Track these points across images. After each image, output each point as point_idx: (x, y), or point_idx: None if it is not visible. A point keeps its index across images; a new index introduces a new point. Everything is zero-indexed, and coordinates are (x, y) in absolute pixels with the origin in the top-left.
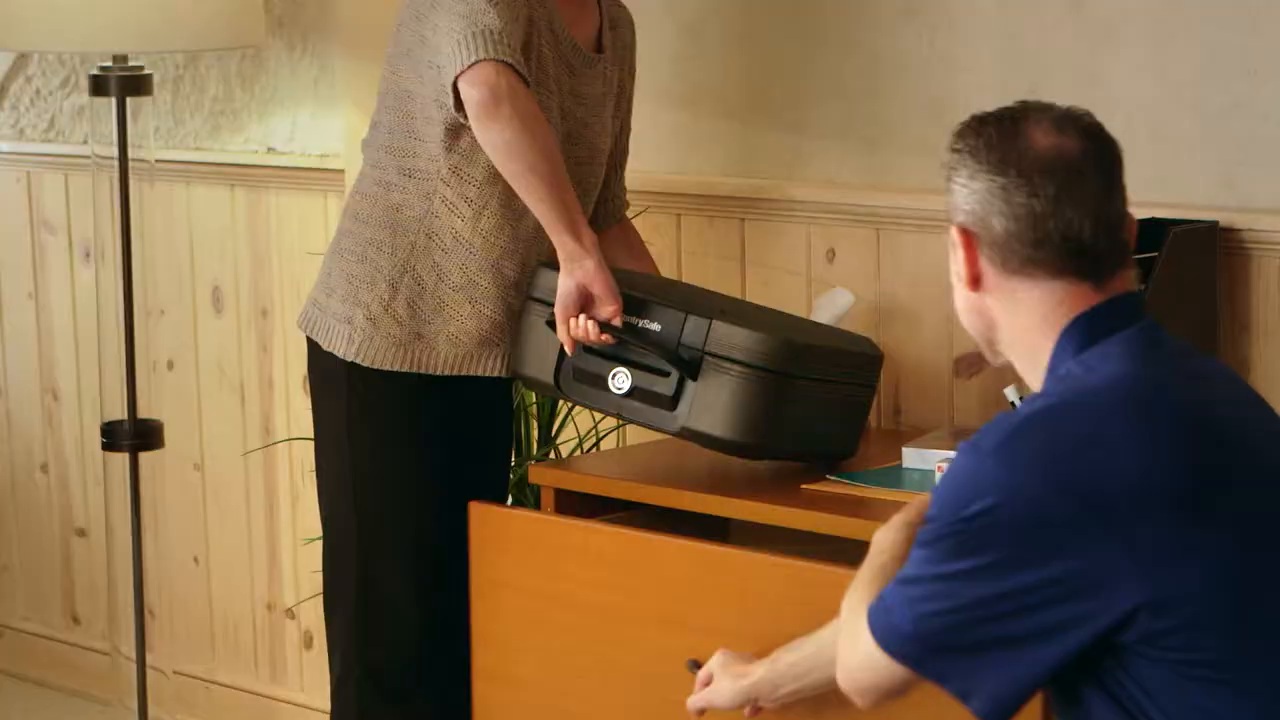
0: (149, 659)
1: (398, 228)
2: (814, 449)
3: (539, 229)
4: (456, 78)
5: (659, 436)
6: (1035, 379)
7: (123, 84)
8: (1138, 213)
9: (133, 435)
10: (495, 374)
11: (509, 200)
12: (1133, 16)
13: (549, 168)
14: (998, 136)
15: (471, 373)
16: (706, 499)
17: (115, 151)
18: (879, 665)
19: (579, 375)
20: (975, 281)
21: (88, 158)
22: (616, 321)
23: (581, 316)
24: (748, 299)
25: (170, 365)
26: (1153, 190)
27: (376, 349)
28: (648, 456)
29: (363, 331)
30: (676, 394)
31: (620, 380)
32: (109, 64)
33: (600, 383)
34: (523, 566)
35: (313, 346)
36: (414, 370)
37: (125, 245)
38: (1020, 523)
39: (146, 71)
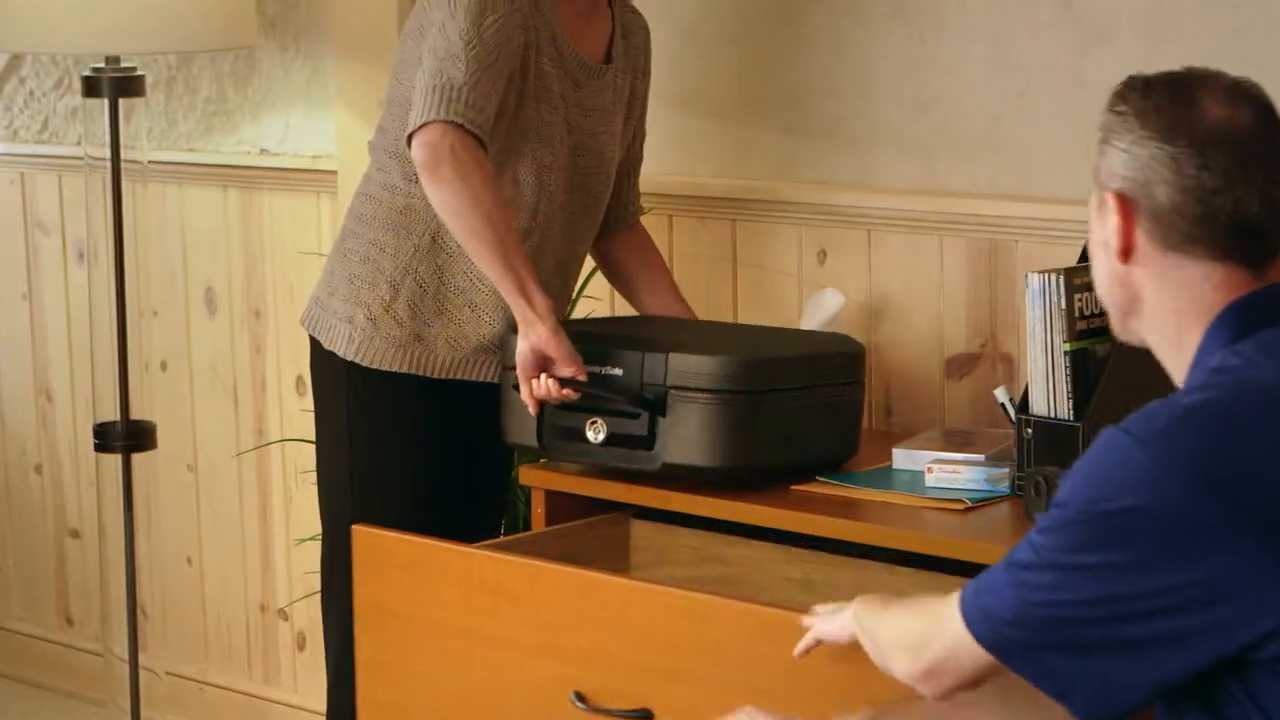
0: (142, 660)
1: (401, 230)
2: (808, 458)
3: (541, 248)
4: (410, 135)
5: None
6: (1175, 363)
7: (115, 85)
8: None
9: (125, 436)
10: (492, 379)
11: (527, 208)
12: (1122, 18)
13: (492, 232)
14: (1168, 101)
15: (468, 377)
16: (695, 500)
17: (108, 153)
18: (963, 652)
19: (558, 433)
20: (1127, 253)
21: (81, 159)
22: (581, 376)
23: (543, 376)
24: (739, 300)
25: (163, 366)
26: None
27: (376, 349)
28: None
29: (363, 331)
30: (650, 433)
31: (596, 430)
32: (101, 65)
33: (578, 436)
34: (406, 593)
35: (314, 345)
36: (413, 371)
37: (118, 246)
38: (1168, 522)
39: (139, 73)
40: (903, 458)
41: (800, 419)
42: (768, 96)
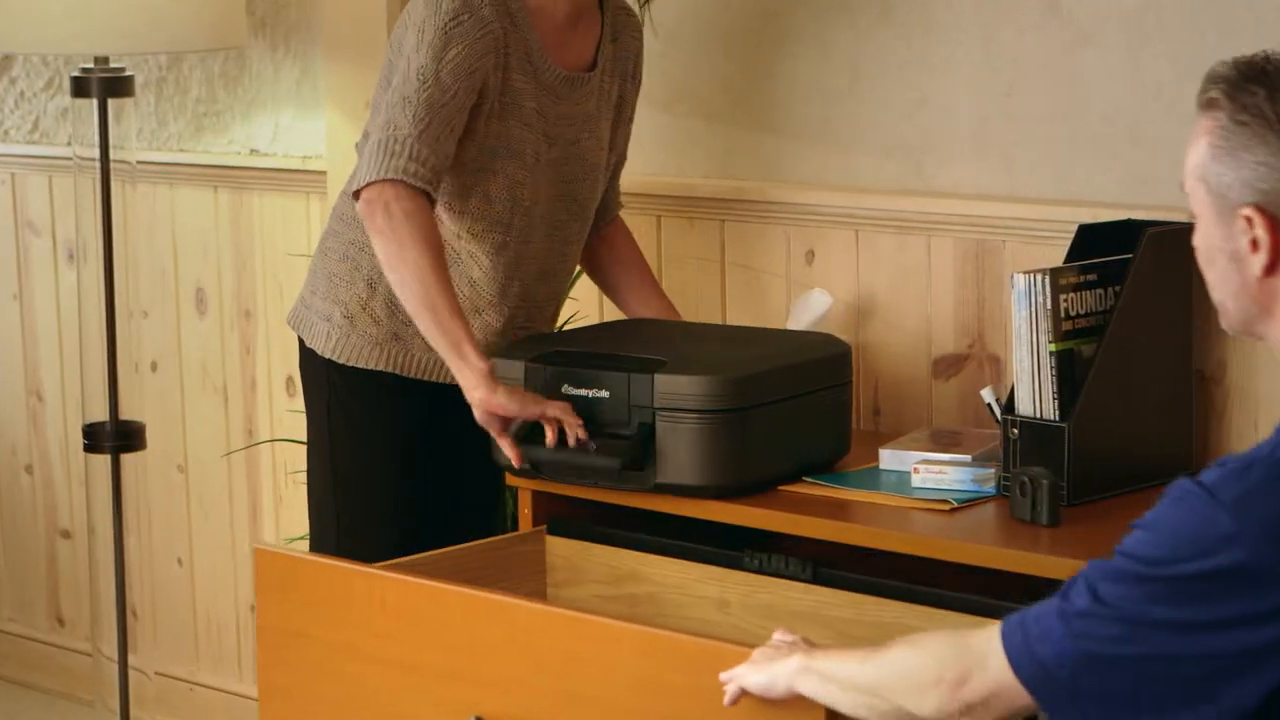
0: (132, 660)
1: None
2: (800, 462)
3: (519, 260)
4: (357, 190)
5: None
6: None
7: (104, 85)
8: (1115, 214)
9: (114, 437)
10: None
11: (486, 230)
12: (1108, 19)
13: (423, 291)
14: None
15: (445, 380)
16: (680, 503)
17: (97, 153)
18: (1007, 692)
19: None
20: (1272, 268)
21: (71, 159)
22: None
23: (504, 444)
24: (728, 300)
25: (154, 366)
26: (1130, 192)
27: (353, 347)
28: None
29: (340, 329)
30: (642, 454)
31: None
32: (90, 66)
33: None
34: (310, 615)
35: (301, 344)
36: (390, 370)
37: (107, 247)
38: (1258, 584)
39: (128, 73)
40: (889, 458)
41: (791, 427)
42: (755, 97)
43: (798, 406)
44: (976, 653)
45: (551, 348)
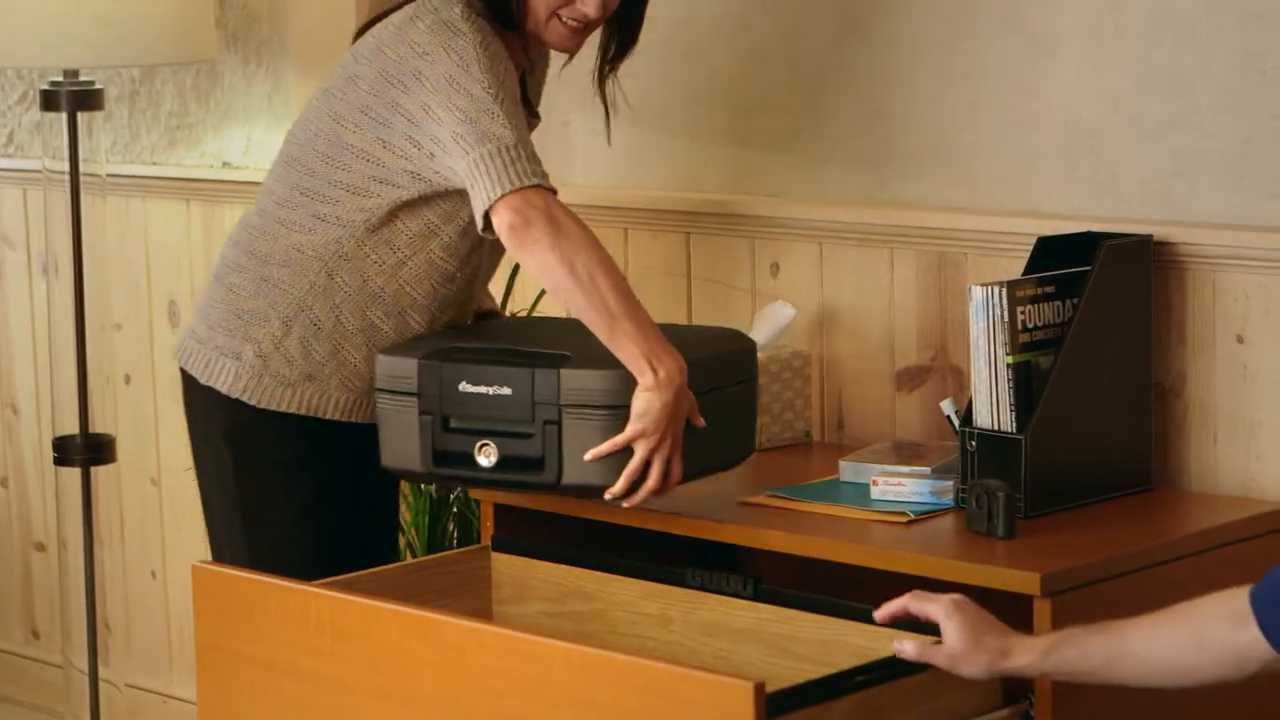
0: (106, 673)
1: (298, 266)
2: (709, 464)
3: (462, 292)
4: (487, 211)
5: None
6: None
7: (73, 99)
8: (1076, 226)
9: (85, 450)
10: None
11: (442, 259)
12: (1069, 31)
13: (620, 290)
14: None
15: (363, 419)
16: (644, 515)
17: (67, 166)
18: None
19: (445, 457)
20: None
21: (41, 172)
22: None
23: (654, 469)
24: (693, 313)
25: (127, 379)
26: (1090, 204)
27: (264, 388)
28: None
29: (251, 368)
30: (545, 453)
31: (487, 454)
32: (60, 79)
33: (468, 461)
34: (246, 632)
35: (189, 381)
36: (304, 413)
37: (77, 260)
38: None
39: (97, 86)
40: (849, 470)
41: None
42: (719, 110)
43: (706, 404)
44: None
45: (447, 344)
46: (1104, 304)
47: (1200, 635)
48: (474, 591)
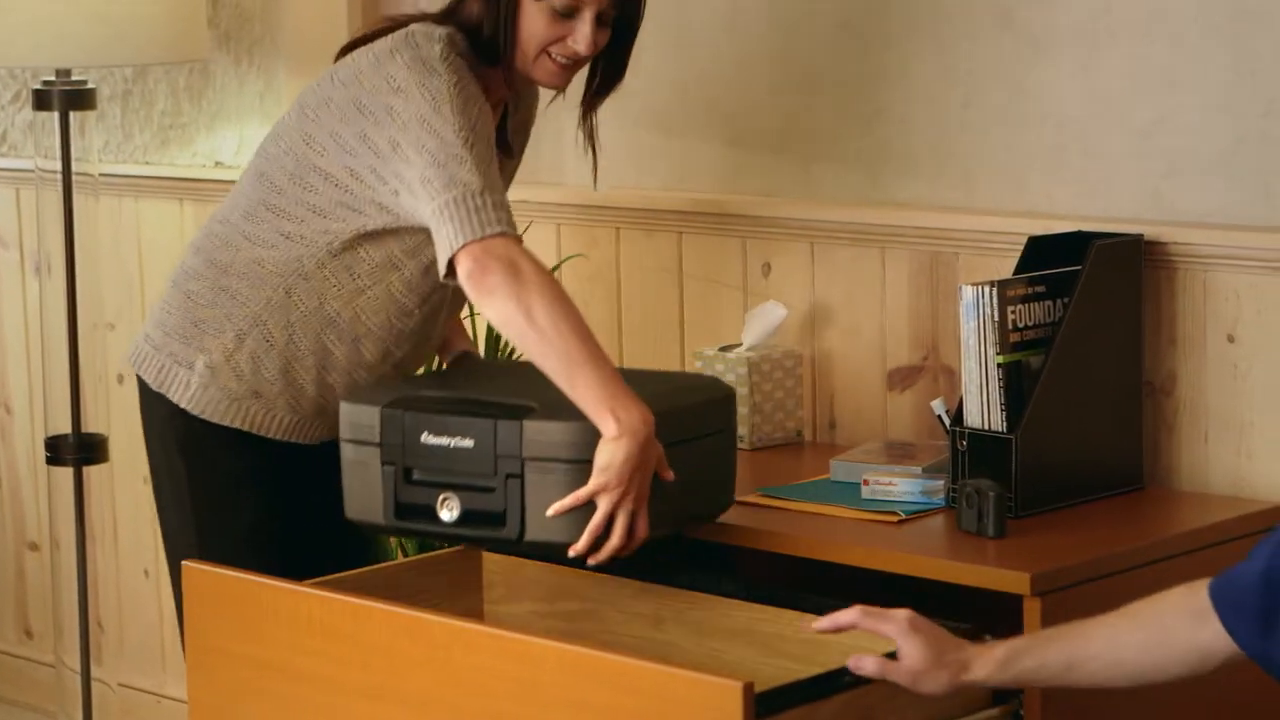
0: (97, 672)
1: (256, 280)
2: (680, 520)
3: (419, 330)
4: (450, 258)
5: None
6: None
7: (65, 98)
8: (1068, 226)
9: (77, 449)
10: (325, 440)
11: (402, 294)
12: (1061, 31)
13: (582, 345)
14: None
15: (303, 441)
16: None
17: (59, 165)
18: None
19: (407, 510)
20: None
21: (33, 171)
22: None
23: (619, 525)
24: (686, 312)
25: (120, 379)
26: (1081, 204)
27: (210, 399)
28: None
29: (201, 379)
30: (507, 507)
31: (450, 507)
32: (52, 79)
33: (430, 514)
34: (237, 632)
35: (143, 387)
36: (247, 429)
37: (70, 259)
38: None
39: (90, 85)
40: (840, 470)
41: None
42: (712, 109)
43: (677, 456)
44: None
45: (410, 392)
46: (1095, 304)
47: (1163, 635)
48: (466, 591)
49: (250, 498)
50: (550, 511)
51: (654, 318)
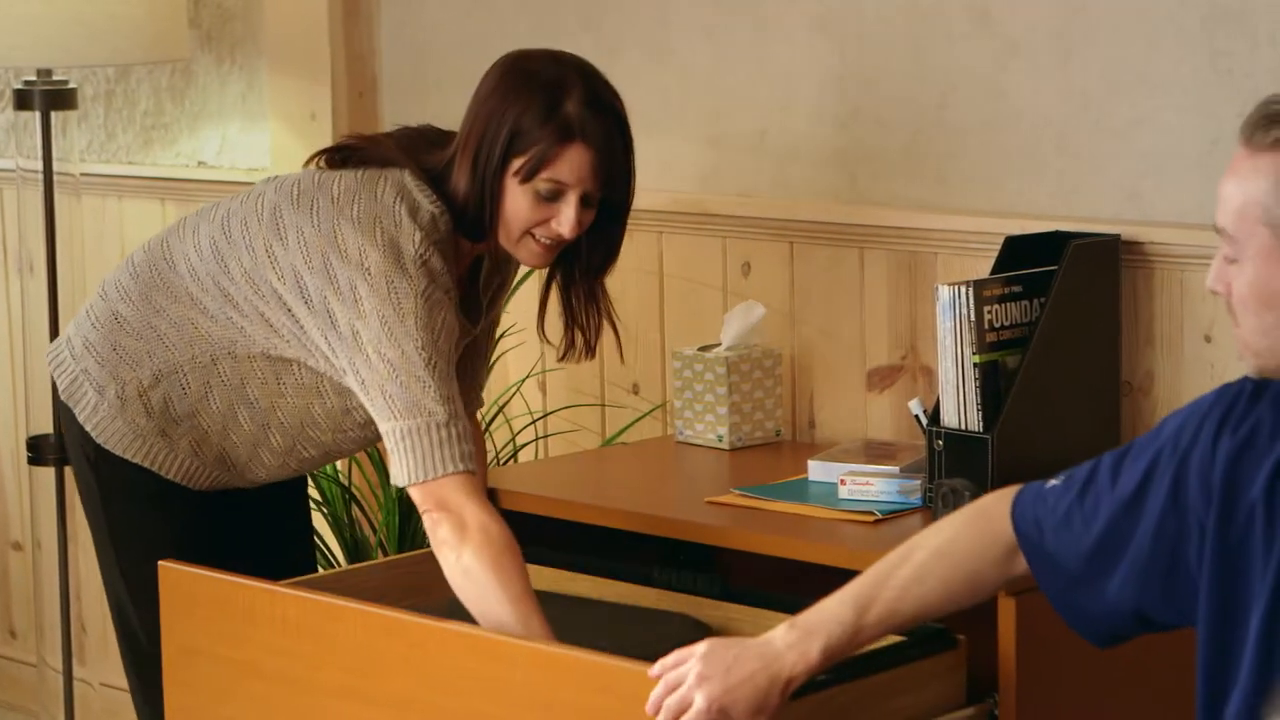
0: (80, 672)
1: (189, 337)
2: None
3: (330, 443)
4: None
5: (576, 450)
6: None
7: (47, 98)
8: (1044, 226)
9: (59, 450)
10: (221, 489)
11: (320, 416)
12: (1037, 31)
13: (521, 625)
14: None
15: (203, 488)
16: (609, 513)
17: (40, 165)
18: None
19: None
20: None
21: (14, 171)
22: None
23: None
24: (666, 312)
25: None
26: (1058, 204)
27: (115, 431)
28: (561, 471)
29: (111, 407)
30: None
31: None
32: (33, 78)
33: None
34: (213, 632)
35: (55, 390)
36: (148, 466)
37: (51, 259)
38: None
39: (71, 85)
40: (818, 470)
41: None
42: (691, 110)
43: None
44: None
45: None
46: (1071, 304)
47: (974, 586)
48: (443, 591)
49: (166, 514)
50: None
51: (635, 318)
